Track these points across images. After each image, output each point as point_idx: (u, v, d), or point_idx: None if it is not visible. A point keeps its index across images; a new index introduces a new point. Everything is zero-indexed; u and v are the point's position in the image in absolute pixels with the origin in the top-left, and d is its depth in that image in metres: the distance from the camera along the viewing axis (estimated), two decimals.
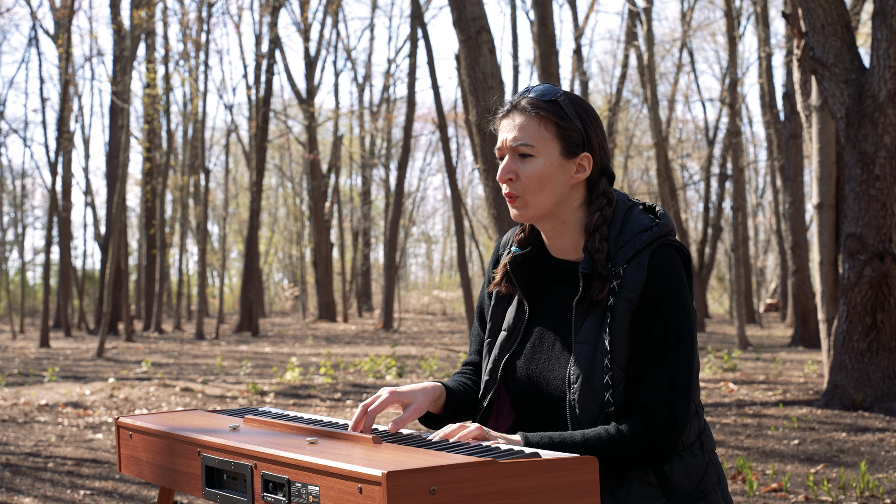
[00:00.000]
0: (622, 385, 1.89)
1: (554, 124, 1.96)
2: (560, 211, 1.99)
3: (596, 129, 2.00)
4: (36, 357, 17.88)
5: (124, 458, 2.17)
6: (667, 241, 1.95)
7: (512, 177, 1.97)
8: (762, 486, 5.52)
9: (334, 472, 1.51)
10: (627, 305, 1.90)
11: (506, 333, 2.07)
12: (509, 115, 2.00)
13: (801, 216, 18.46)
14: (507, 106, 2.01)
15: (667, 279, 1.91)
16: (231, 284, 49.40)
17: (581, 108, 1.99)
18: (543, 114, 1.96)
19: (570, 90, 1.98)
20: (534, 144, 1.95)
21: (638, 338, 1.90)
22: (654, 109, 16.86)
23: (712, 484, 1.99)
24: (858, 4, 10.92)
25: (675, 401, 1.87)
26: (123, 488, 5.68)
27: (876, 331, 8.07)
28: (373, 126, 35.35)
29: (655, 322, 1.89)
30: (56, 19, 28.01)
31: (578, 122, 1.97)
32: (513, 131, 1.97)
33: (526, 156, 1.96)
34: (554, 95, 1.98)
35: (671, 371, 1.88)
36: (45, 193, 39.06)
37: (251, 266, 27.40)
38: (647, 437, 1.85)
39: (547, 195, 1.96)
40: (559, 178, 1.96)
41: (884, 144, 7.99)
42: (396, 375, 12.52)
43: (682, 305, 1.91)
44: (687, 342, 1.90)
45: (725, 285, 44.70)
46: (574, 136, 1.97)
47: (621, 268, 1.92)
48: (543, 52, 12.76)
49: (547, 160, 1.95)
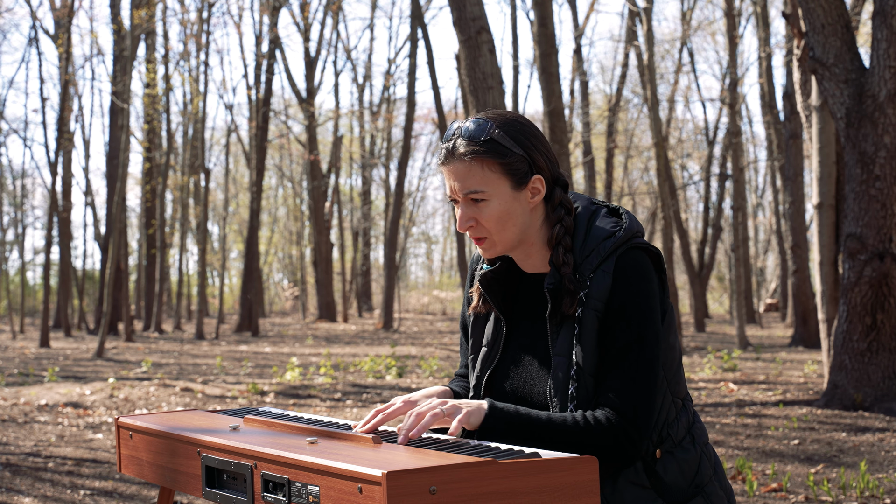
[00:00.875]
0: (594, 392, 1.90)
1: (496, 163, 1.92)
2: (526, 236, 1.99)
3: (537, 146, 1.96)
4: (36, 357, 17.88)
5: (124, 458, 2.17)
6: (632, 244, 1.94)
7: (472, 223, 1.95)
8: (762, 486, 5.52)
9: (334, 472, 1.51)
10: (594, 314, 1.90)
11: (486, 350, 2.08)
12: (449, 163, 1.95)
13: (801, 216, 18.46)
14: (444, 152, 1.96)
15: (632, 284, 1.90)
16: (231, 284, 49.41)
17: (517, 132, 1.95)
18: (483, 157, 1.91)
19: (509, 114, 1.94)
20: (483, 189, 1.92)
21: (604, 343, 1.90)
22: (654, 109, 16.85)
23: (708, 476, 2.00)
24: (858, 4, 10.92)
25: (637, 403, 1.87)
26: (123, 488, 5.68)
27: (876, 331, 8.07)
28: (373, 126, 35.36)
29: (619, 325, 1.89)
30: (56, 19, 28.01)
31: (519, 149, 1.93)
32: (458, 180, 1.93)
33: (479, 200, 1.93)
34: (487, 133, 1.92)
35: (633, 374, 1.88)
36: (45, 193, 39.08)
37: (251, 266, 27.41)
38: (611, 435, 1.85)
39: (511, 229, 1.95)
40: (517, 209, 1.95)
41: (884, 144, 7.99)
42: (396, 375, 12.52)
43: (646, 308, 1.90)
44: (651, 344, 1.90)
45: (725, 285, 44.69)
46: (519, 166, 1.93)
47: (588, 277, 1.91)
48: (543, 52, 12.76)
49: (500, 199, 1.93)
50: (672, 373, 1.97)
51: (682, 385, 2.01)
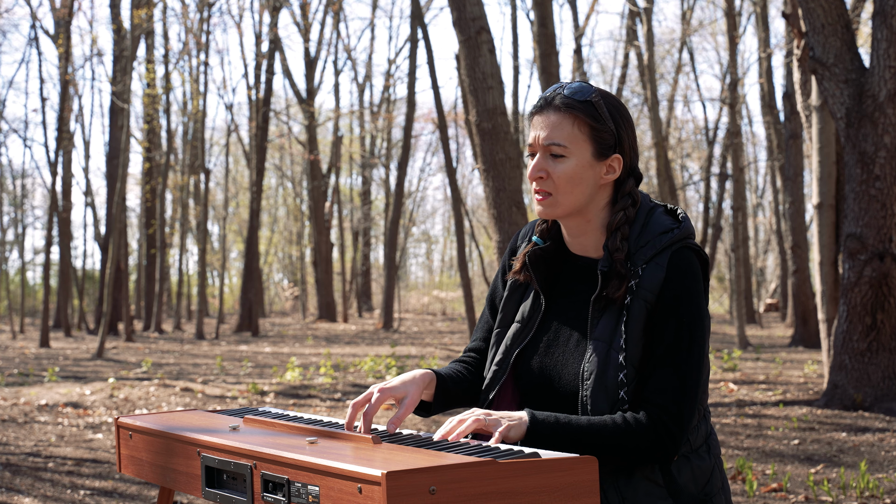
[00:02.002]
0: (634, 383, 1.90)
1: (587, 125, 1.95)
2: (586, 210, 1.99)
3: (628, 130, 1.99)
4: (36, 357, 17.88)
5: (124, 458, 2.17)
6: (687, 244, 1.95)
7: (543, 175, 1.97)
8: (762, 486, 5.52)
9: (334, 472, 1.51)
10: (644, 305, 1.90)
11: (519, 325, 2.06)
12: (543, 112, 1.98)
13: (801, 216, 18.46)
14: (541, 101, 1.99)
15: (685, 282, 1.91)
16: (231, 284, 49.40)
17: (614, 108, 1.99)
18: (577, 114, 1.95)
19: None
20: (566, 145, 1.95)
21: (652, 337, 1.90)
22: (654, 109, 16.86)
23: (717, 488, 2.00)
24: (858, 4, 10.91)
25: (683, 402, 1.87)
26: (123, 488, 5.68)
27: (876, 331, 8.06)
28: (373, 126, 35.35)
29: (670, 323, 1.89)
30: (56, 19, 28.00)
31: (612, 123, 1.97)
32: (545, 129, 1.96)
33: (558, 156, 1.96)
34: (588, 95, 1.96)
35: (682, 373, 1.88)
36: (45, 193, 39.08)
37: (251, 266, 27.40)
38: (653, 433, 1.85)
39: (576, 195, 1.96)
40: (589, 178, 1.96)
41: (884, 144, 7.99)
42: (396, 375, 12.51)
43: (697, 308, 1.91)
44: (699, 346, 1.91)
45: (725, 285, 44.68)
46: (607, 137, 1.96)
47: (640, 267, 1.92)
48: (543, 52, 12.76)
49: (578, 161, 1.95)
50: (703, 381, 1.98)
51: (706, 396, 2.02)
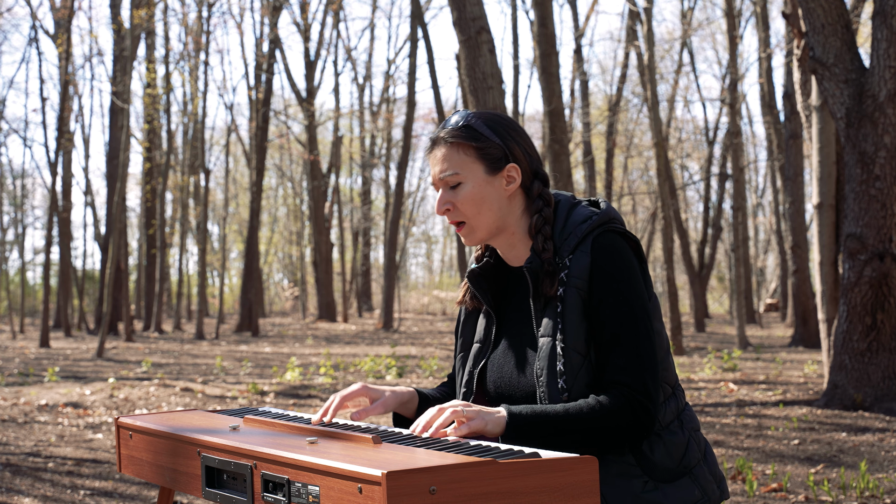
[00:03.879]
0: (583, 369, 1.94)
1: (471, 147, 2.02)
2: (505, 225, 2.06)
3: (516, 138, 2.06)
4: (36, 357, 17.88)
5: (124, 458, 2.17)
6: (609, 227, 2.01)
7: (449, 207, 2.05)
8: (762, 486, 5.52)
9: (334, 472, 1.51)
10: (577, 292, 1.95)
11: (478, 345, 2.13)
12: (433, 151, 2.07)
13: (801, 216, 18.46)
14: (429, 142, 2.09)
15: (611, 261, 1.96)
16: (231, 284, 49.42)
17: (495, 123, 2.06)
18: (460, 141, 2.03)
19: (481, 114, 2.13)
20: (458, 171, 2.02)
21: (593, 323, 1.94)
22: (654, 109, 16.86)
23: (696, 459, 2.02)
24: (858, 4, 10.91)
25: (645, 375, 1.91)
26: (123, 488, 5.68)
27: (876, 331, 8.06)
28: (373, 126, 35.35)
29: (607, 302, 1.94)
30: (56, 19, 28.01)
31: (495, 137, 2.04)
32: (437, 165, 2.05)
33: (455, 185, 2.03)
34: (465, 121, 2.05)
35: (634, 347, 1.92)
36: (45, 193, 39.10)
37: (251, 266, 27.41)
38: (628, 409, 1.88)
39: (486, 214, 2.04)
40: (492, 195, 2.03)
41: (884, 144, 7.99)
42: (396, 375, 12.52)
43: (630, 285, 1.95)
44: (643, 318, 1.94)
45: (725, 285, 44.70)
46: (493, 152, 2.03)
47: (567, 258, 1.98)
48: (543, 52, 12.76)
49: (474, 182, 2.02)
50: (660, 359, 2.00)
51: (671, 372, 2.04)
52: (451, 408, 1.84)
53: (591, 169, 29.30)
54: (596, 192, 29.36)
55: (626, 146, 32.50)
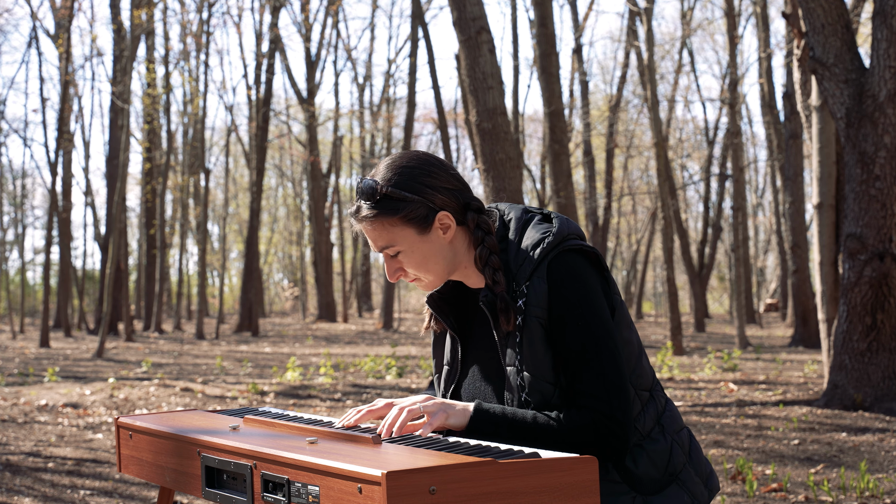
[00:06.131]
0: (555, 397, 1.92)
1: (395, 218, 1.95)
2: (457, 264, 2.04)
3: (432, 185, 1.97)
4: (36, 357, 17.88)
5: (124, 458, 2.17)
6: (564, 247, 1.95)
7: (400, 273, 2.02)
8: (762, 486, 5.52)
9: (334, 472, 1.51)
10: (538, 321, 1.92)
11: (447, 368, 2.13)
12: (358, 223, 2.00)
13: (801, 216, 18.46)
14: (351, 216, 2.02)
15: (568, 285, 1.92)
16: (231, 284, 49.42)
17: (406, 178, 1.96)
18: (381, 217, 1.96)
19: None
20: (393, 244, 1.98)
21: (558, 349, 1.92)
22: (654, 109, 16.86)
23: (681, 463, 2.01)
24: (858, 4, 10.91)
25: (611, 399, 1.89)
26: (123, 488, 5.68)
27: (876, 331, 8.06)
28: (373, 126, 35.35)
29: (568, 329, 1.91)
30: (56, 19, 28.00)
31: (413, 195, 1.95)
32: (371, 240, 2.01)
33: (395, 254, 1.99)
34: (378, 193, 1.95)
35: (599, 372, 1.90)
36: (45, 193, 39.09)
37: (251, 266, 27.41)
38: (593, 432, 1.87)
39: (434, 267, 2.01)
40: (434, 248, 1.99)
41: (884, 144, 7.99)
42: (396, 375, 12.52)
43: (589, 306, 1.92)
44: (605, 339, 1.91)
45: (725, 285, 44.69)
46: (418, 212, 1.96)
47: (524, 285, 1.94)
48: (543, 52, 12.77)
49: (412, 246, 1.98)
50: (632, 367, 1.99)
51: (647, 376, 2.02)
52: (409, 405, 1.86)
53: (591, 169, 29.30)
54: (596, 192, 29.36)
55: (626, 146, 32.49)
